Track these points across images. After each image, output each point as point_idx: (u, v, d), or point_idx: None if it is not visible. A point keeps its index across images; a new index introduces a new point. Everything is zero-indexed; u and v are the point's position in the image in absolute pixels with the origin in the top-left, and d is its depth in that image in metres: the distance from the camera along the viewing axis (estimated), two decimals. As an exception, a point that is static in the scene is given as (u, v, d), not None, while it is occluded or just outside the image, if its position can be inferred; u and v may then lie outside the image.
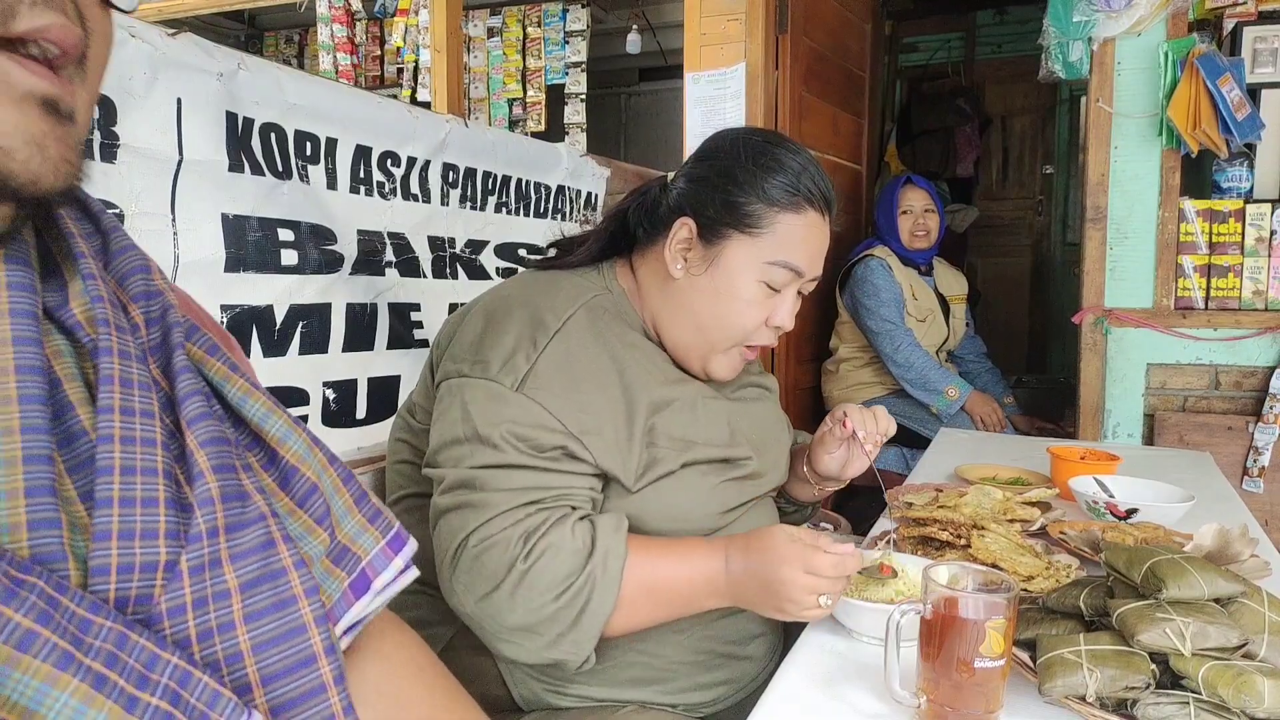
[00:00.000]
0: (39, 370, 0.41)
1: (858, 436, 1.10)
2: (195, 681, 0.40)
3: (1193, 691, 0.70)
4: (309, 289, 1.44)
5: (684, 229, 1.00)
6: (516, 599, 0.85)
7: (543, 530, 0.86)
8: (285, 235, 1.39)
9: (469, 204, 1.84)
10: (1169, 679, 0.73)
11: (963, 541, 1.10)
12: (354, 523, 0.53)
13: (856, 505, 2.70)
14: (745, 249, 0.98)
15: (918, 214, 2.82)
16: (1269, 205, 2.35)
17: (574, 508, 0.90)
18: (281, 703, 0.44)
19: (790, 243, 0.98)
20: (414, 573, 0.57)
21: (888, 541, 1.06)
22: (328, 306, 1.48)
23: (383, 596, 0.54)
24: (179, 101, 1.18)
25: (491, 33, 4.22)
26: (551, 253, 1.13)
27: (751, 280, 0.99)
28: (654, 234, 1.04)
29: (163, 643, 0.40)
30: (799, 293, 1.04)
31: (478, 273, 1.86)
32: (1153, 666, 0.72)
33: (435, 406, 0.97)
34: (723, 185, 0.99)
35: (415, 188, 1.68)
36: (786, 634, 1.19)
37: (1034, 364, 5.05)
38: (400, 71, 4.38)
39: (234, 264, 1.30)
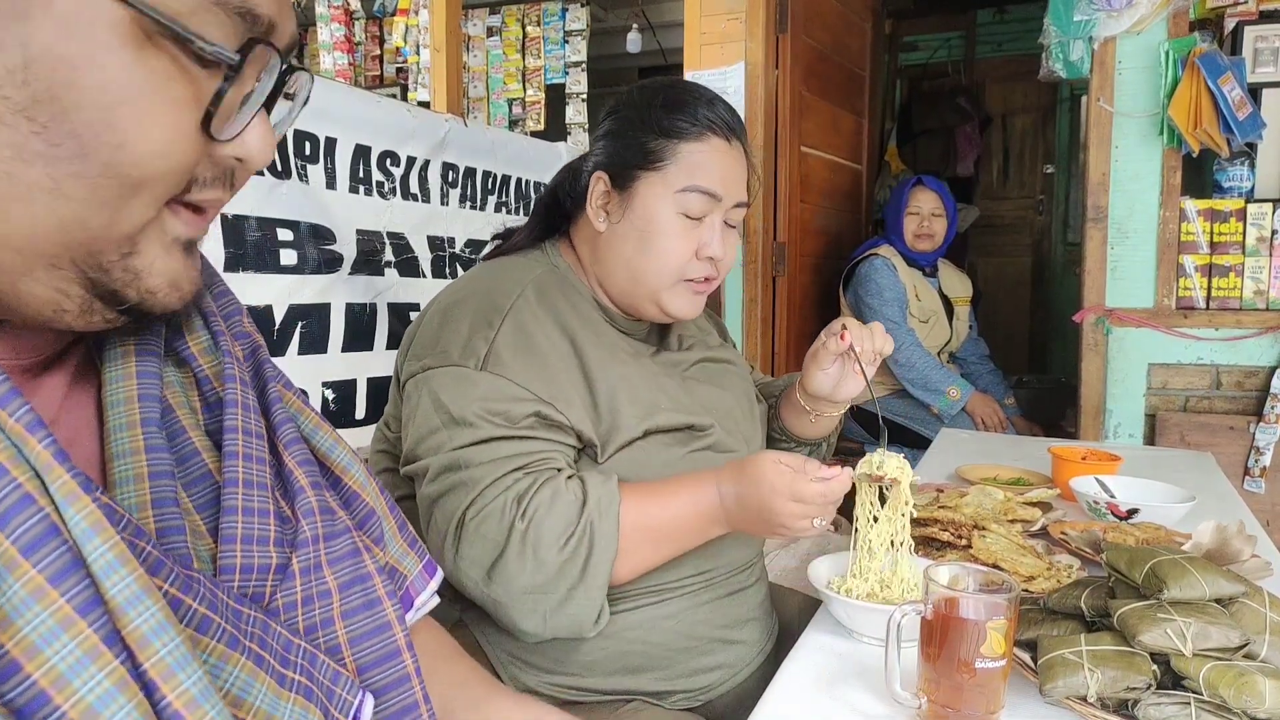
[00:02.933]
0: (156, 399, 0.47)
1: (854, 352, 1.08)
2: (321, 663, 0.47)
3: (1194, 692, 0.70)
4: (308, 289, 1.43)
5: (599, 183, 1.03)
6: (525, 559, 0.87)
7: (533, 491, 0.89)
8: (284, 235, 1.39)
9: (469, 203, 1.84)
10: (1170, 679, 0.73)
11: (964, 542, 1.10)
12: (397, 546, 0.61)
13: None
14: (654, 184, 1.01)
15: (925, 216, 2.80)
16: (1270, 205, 2.34)
17: (558, 469, 0.93)
18: (374, 689, 0.51)
19: (696, 168, 1.01)
20: (437, 600, 0.65)
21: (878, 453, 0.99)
22: (327, 306, 1.48)
23: (418, 614, 0.62)
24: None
25: (491, 32, 4.21)
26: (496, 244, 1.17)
27: (669, 213, 1.01)
28: (580, 201, 1.07)
29: (294, 630, 0.47)
30: (728, 224, 1.05)
31: (477, 272, 1.86)
32: (1154, 667, 0.72)
33: (404, 407, 0.99)
34: (625, 133, 1.03)
35: (415, 187, 1.68)
36: (784, 630, 1.19)
37: (1035, 364, 5.05)
38: (399, 71, 4.37)
39: (233, 263, 1.30)
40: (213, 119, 0.41)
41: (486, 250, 1.17)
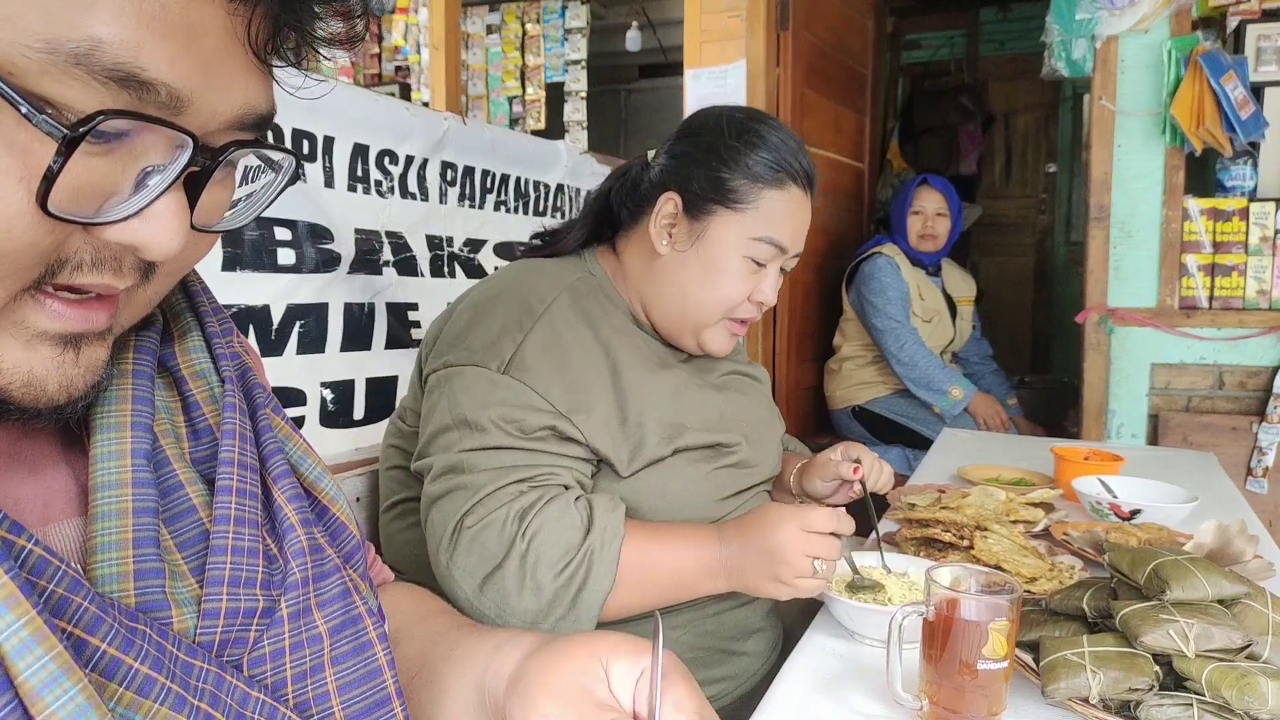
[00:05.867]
0: (148, 428, 0.45)
1: (862, 484, 1.11)
2: (281, 716, 0.43)
3: (1196, 693, 0.70)
4: (306, 288, 1.43)
5: (669, 204, 1.01)
6: (522, 580, 0.85)
7: (538, 508, 0.87)
8: (282, 234, 1.38)
9: (467, 202, 1.83)
10: (1172, 681, 0.72)
11: (965, 543, 1.09)
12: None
13: (860, 505, 2.69)
14: (731, 224, 1.00)
15: (929, 216, 2.79)
16: (1273, 204, 2.34)
17: (565, 486, 0.91)
18: None
19: (774, 218, 1.00)
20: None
21: (878, 543, 1.05)
22: (325, 306, 1.47)
23: None
24: (175, 99, 1.17)
25: (490, 30, 4.20)
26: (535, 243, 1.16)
27: (737, 255, 1.00)
28: (637, 213, 1.06)
29: (250, 682, 0.43)
30: (781, 270, 1.06)
31: (476, 272, 1.85)
32: (1156, 668, 0.72)
33: (425, 402, 0.97)
34: (707, 161, 1.01)
35: (413, 186, 1.67)
36: (786, 633, 1.18)
37: (1037, 364, 5.04)
38: (399, 69, 4.37)
39: (231, 263, 1.30)
40: (49, 197, 0.34)
41: (527, 247, 1.15)
